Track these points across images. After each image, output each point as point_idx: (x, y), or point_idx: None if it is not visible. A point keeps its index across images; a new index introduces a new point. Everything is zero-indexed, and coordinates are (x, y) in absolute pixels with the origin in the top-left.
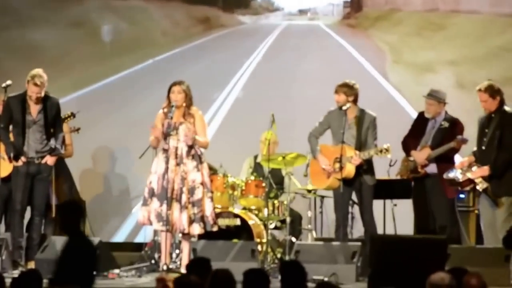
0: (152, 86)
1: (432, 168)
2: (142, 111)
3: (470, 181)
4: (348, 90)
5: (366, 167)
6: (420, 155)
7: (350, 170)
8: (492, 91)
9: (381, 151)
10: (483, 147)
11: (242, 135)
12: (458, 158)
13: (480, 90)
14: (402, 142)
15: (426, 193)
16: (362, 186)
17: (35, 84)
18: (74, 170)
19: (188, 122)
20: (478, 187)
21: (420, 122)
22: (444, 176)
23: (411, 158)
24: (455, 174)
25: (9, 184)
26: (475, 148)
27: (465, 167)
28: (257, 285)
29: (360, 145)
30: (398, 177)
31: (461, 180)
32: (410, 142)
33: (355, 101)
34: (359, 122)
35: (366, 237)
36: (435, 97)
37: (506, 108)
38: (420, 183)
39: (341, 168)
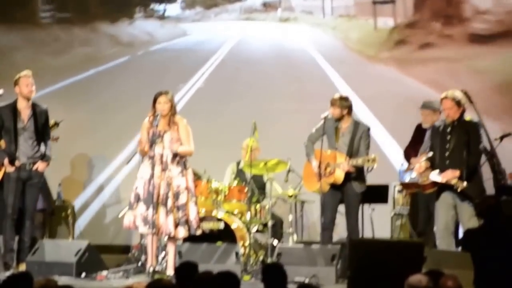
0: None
1: None
2: (121, 118)
3: (433, 185)
4: (342, 103)
5: (355, 174)
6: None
7: (339, 176)
8: (458, 100)
9: (368, 161)
10: (447, 154)
11: (224, 142)
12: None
13: (446, 97)
14: (403, 153)
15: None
16: (349, 193)
17: (27, 76)
18: (61, 173)
19: (173, 130)
20: (456, 188)
21: (419, 133)
22: (403, 180)
23: (412, 166)
24: (414, 177)
25: None
26: (428, 154)
27: (423, 172)
28: (276, 279)
29: (351, 153)
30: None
31: (423, 184)
32: (411, 152)
33: (349, 113)
34: (353, 131)
35: (349, 241)
36: (429, 107)
37: (467, 117)
38: None
39: (320, 175)
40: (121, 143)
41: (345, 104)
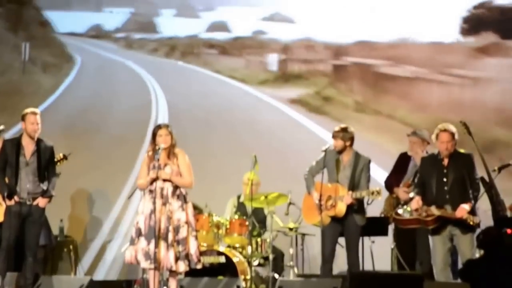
0: None
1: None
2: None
3: (436, 220)
4: (345, 134)
5: (356, 207)
6: (403, 191)
7: (341, 208)
8: (454, 133)
9: (372, 193)
10: (446, 188)
11: (225, 177)
12: None
13: (446, 130)
14: (385, 181)
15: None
16: (351, 225)
17: (34, 113)
18: (62, 209)
19: (173, 163)
20: (473, 223)
21: (402, 161)
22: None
23: (394, 195)
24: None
25: None
26: (410, 195)
27: (422, 208)
28: None
29: (353, 186)
30: (382, 216)
31: (425, 219)
32: (393, 180)
33: (351, 144)
34: (354, 164)
35: (349, 274)
36: (419, 135)
37: (461, 149)
38: None
39: (321, 207)
40: (122, 178)
41: (347, 135)
